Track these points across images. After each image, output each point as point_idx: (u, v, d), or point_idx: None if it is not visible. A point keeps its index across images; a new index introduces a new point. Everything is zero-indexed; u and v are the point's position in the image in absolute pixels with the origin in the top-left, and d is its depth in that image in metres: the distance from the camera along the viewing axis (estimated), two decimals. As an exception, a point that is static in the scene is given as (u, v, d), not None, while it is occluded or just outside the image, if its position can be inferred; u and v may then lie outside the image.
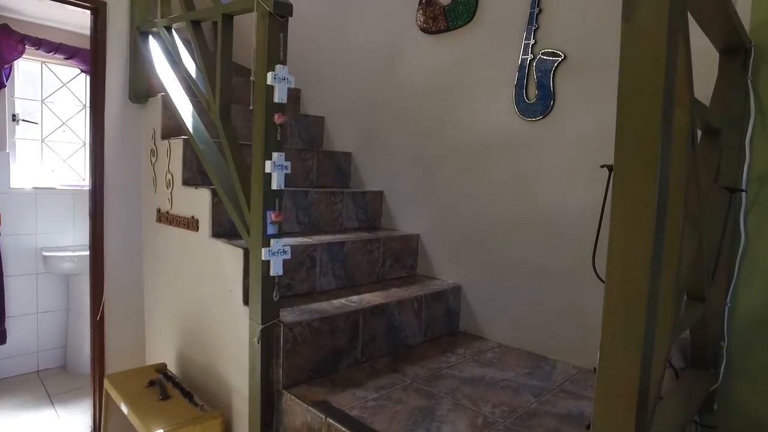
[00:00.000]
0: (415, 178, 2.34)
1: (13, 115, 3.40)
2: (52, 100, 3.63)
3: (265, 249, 1.47)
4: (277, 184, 1.47)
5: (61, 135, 3.69)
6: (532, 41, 1.89)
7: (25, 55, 3.30)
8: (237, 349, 1.70)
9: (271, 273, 1.49)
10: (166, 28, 2.10)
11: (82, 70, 3.60)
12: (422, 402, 1.48)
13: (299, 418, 1.47)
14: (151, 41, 2.30)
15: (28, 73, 3.53)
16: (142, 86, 2.39)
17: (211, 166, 1.78)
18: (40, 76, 3.57)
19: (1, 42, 3.15)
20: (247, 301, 1.62)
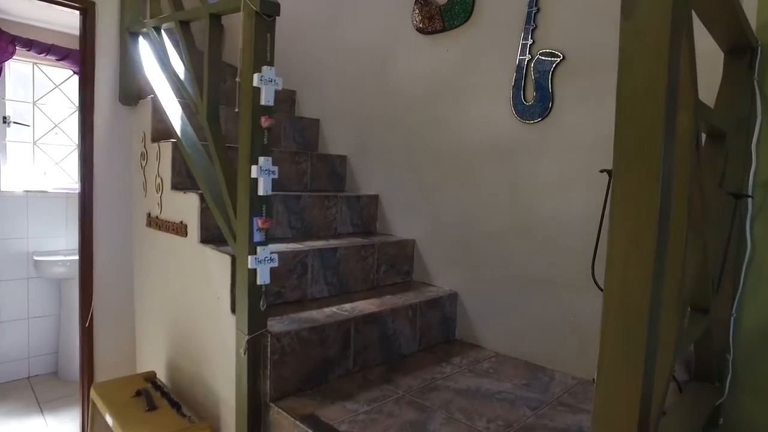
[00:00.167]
0: (411, 182, 2.29)
1: (4, 117, 3.35)
2: (44, 102, 3.59)
3: (251, 257, 1.42)
4: (264, 189, 1.42)
5: (54, 137, 3.64)
6: (530, 41, 1.84)
7: (17, 56, 3.25)
8: (224, 358, 1.65)
9: (258, 282, 1.43)
10: (155, 29, 2.06)
11: (74, 72, 3.55)
12: (414, 415, 1.42)
13: (287, 432, 1.41)
14: (141, 42, 2.26)
15: (20, 74, 3.48)
16: (133, 88, 2.34)
17: (199, 171, 1.73)
18: (32, 77, 3.53)
19: (-9, 43, 3.11)
20: (234, 310, 1.57)
